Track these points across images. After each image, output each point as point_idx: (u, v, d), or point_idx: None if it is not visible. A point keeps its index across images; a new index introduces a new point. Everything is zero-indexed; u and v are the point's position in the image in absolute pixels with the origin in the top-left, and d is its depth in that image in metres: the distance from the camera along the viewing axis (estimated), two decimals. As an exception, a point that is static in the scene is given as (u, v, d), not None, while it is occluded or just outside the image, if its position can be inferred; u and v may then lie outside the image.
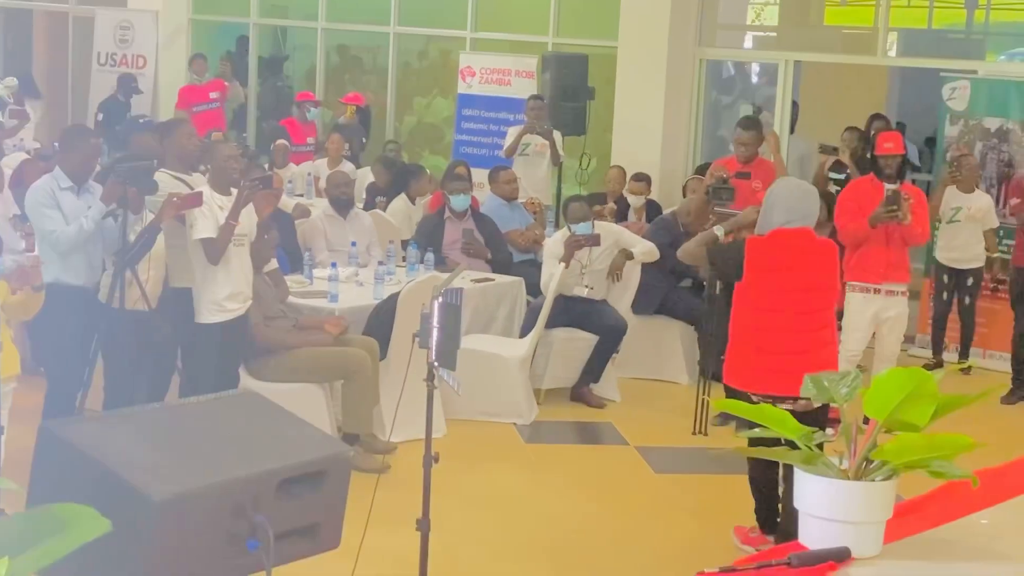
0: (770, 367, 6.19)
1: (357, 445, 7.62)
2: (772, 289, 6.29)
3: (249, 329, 7.57)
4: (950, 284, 10.67)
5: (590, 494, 7.53)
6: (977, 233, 10.44)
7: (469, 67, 13.70)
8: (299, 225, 10.17)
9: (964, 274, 10.58)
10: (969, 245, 10.48)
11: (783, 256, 6.31)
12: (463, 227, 10.01)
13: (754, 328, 6.32)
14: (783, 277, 6.28)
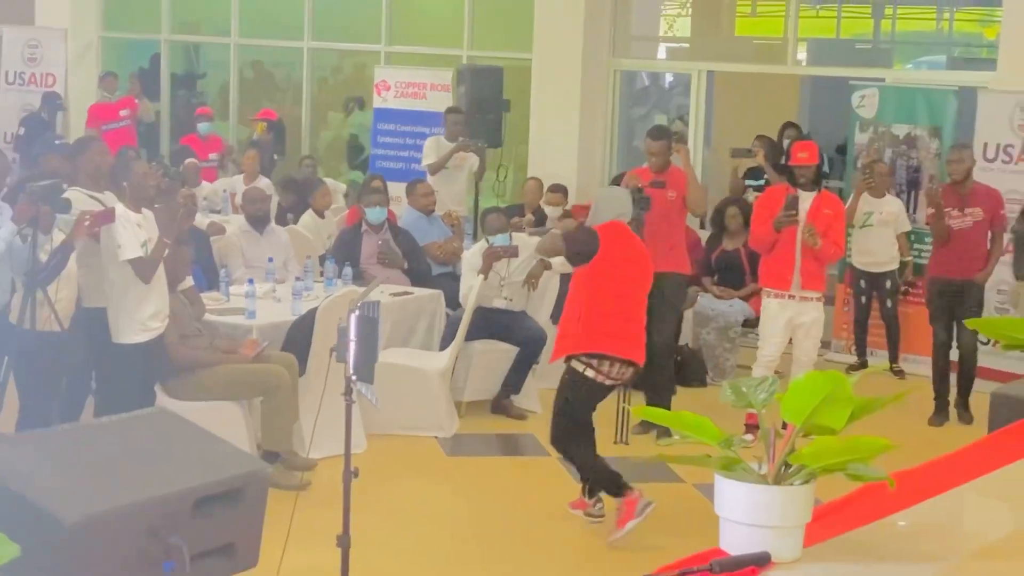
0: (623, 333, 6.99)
1: (277, 463, 7.55)
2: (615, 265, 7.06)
3: (166, 348, 7.47)
4: (867, 288, 10.78)
5: (512, 505, 7.51)
6: (890, 237, 10.55)
7: (384, 81, 13.66)
8: (215, 242, 10.08)
9: (880, 277, 10.68)
10: (882, 249, 10.59)
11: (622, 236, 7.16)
12: (379, 238, 9.96)
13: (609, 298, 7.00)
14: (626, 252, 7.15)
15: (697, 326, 10.60)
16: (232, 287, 8.98)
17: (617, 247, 7.06)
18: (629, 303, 7.07)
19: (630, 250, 7.17)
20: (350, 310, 5.09)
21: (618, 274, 7.02)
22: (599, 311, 6.93)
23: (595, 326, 6.93)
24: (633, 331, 7.07)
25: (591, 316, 6.93)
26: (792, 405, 3.31)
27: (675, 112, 14.49)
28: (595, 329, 6.93)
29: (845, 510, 3.69)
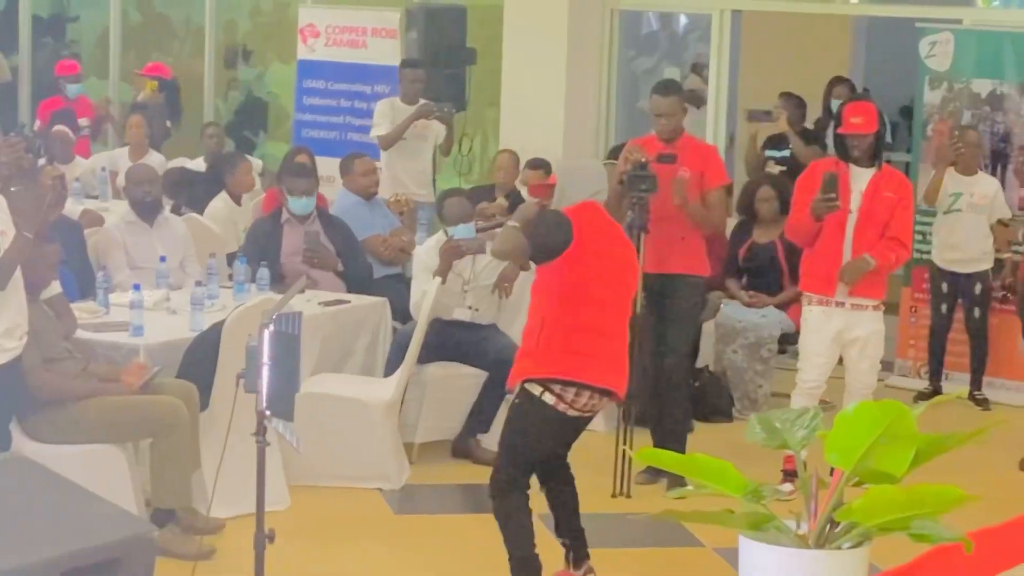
0: (595, 352, 6.80)
1: (171, 524, 7.54)
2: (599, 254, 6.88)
3: (25, 375, 7.46)
4: (950, 293, 10.81)
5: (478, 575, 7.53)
6: (983, 226, 10.57)
7: (312, 25, 13.65)
8: (90, 236, 10.06)
9: (969, 279, 10.72)
10: (973, 242, 10.63)
11: (601, 223, 7.02)
12: (306, 230, 9.96)
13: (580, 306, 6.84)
14: (605, 244, 6.98)
15: (720, 343, 10.63)
16: (112, 295, 8.97)
17: (594, 236, 6.86)
18: (609, 312, 6.90)
19: (610, 240, 6.99)
20: (263, 324, 5.10)
21: (595, 272, 6.82)
22: (568, 323, 6.75)
23: (561, 342, 6.73)
24: (614, 349, 6.89)
25: (556, 329, 6.74)
26: (839, 445, 3.34)
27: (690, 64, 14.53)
28: (561, 346, 6.73)
29: (910, 580, 3.72)
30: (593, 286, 6.79)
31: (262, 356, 5.09)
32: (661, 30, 15.89)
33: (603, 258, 6.84)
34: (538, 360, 6.74)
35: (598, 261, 6.81)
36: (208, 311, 8.61)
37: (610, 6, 13.09)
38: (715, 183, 8.98)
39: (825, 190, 8.39)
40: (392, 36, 13.19)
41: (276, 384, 5.11)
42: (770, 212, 10.85)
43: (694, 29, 15.41)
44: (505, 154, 12.20)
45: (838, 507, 3.31)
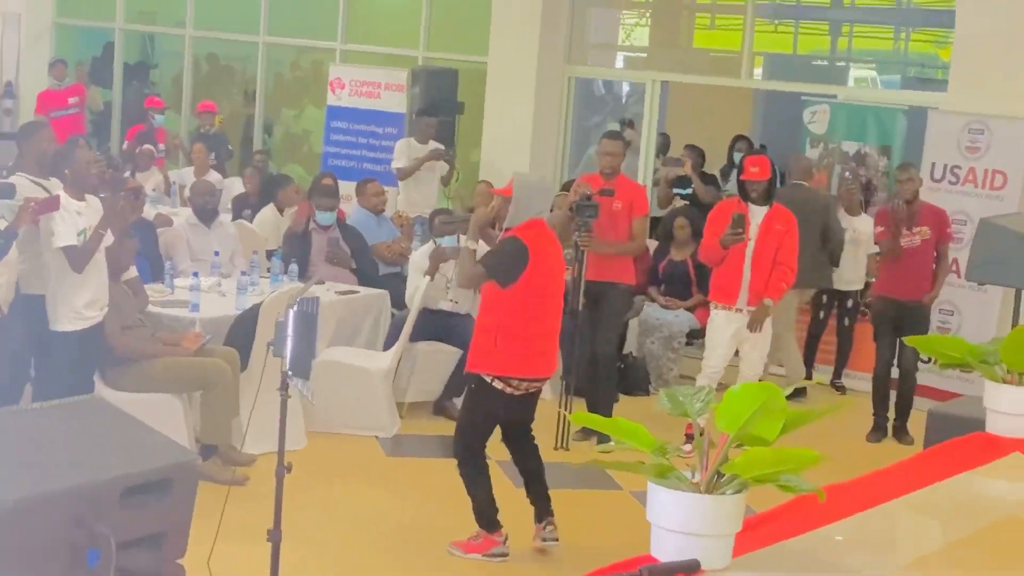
0: (541, 350, 6.68)
1: (215, 456, 7.51)
2: (547, 273, 6.68)
3: (106, 338, 7.42)
4: (828, 304, 10.83)
5: (450, 508, 7.47)
6: (860, 256, 10.58)
7: (339, 79, 13.62)
8: (161, 234, 10.01)
9: (845, 296, 10.74)
10: (852, 267, 10.62)
11: (547, 243, 6.75)
12: (329, 236, 9.94)
13: (537, 314, 6.65)
14: (552, 262, 6.77)
15: (642, 335, 10.63)
16: (177, 279, 8.93)
17: (543, 257, 6.64)
18: (550, 317, 6.76)
19: (553, 257, 6.78)
20: (289, 305, 5.07)
21: (542, 285, 6.66)
22: (520, 329, 6.58)
23: (515, 347, 6.57)
24: (551, 346, 6.81)
25: (511, 334, 6.57)
26: (726, 415, 3.32)
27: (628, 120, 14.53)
28: (514, 351, 6.58)
29: (776, 521, 3.71)
30: (540, 297, 6.65)
31: (287, 329, 5.06)
32: (607, 93, 15.87)
33: (546, 273, 6.67)
34: (495, 360, 6.59)
35: (543, 276, 6.64)
36: (250, 295, 8.58)
37: (568, 74, 13.08)
38: (639, 213, 9.00)
39: (734, 226, 8.39)
40: (400, 90, 13.15)
41: (298, 351, 5.09)
42: (684, 236, 10.85)
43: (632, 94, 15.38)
44: (482, 184, 12.15)
45: (723, 463, 3.29)
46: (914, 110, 11.08)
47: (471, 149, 13.53)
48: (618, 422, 3.52)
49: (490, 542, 6.77)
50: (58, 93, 15.27)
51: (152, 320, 8.01)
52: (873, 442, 9.51)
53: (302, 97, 16.60)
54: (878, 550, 3.75)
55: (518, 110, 12.79)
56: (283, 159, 15.92)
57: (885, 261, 9.53)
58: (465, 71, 13.12)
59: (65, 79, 15.63)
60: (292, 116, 16.69)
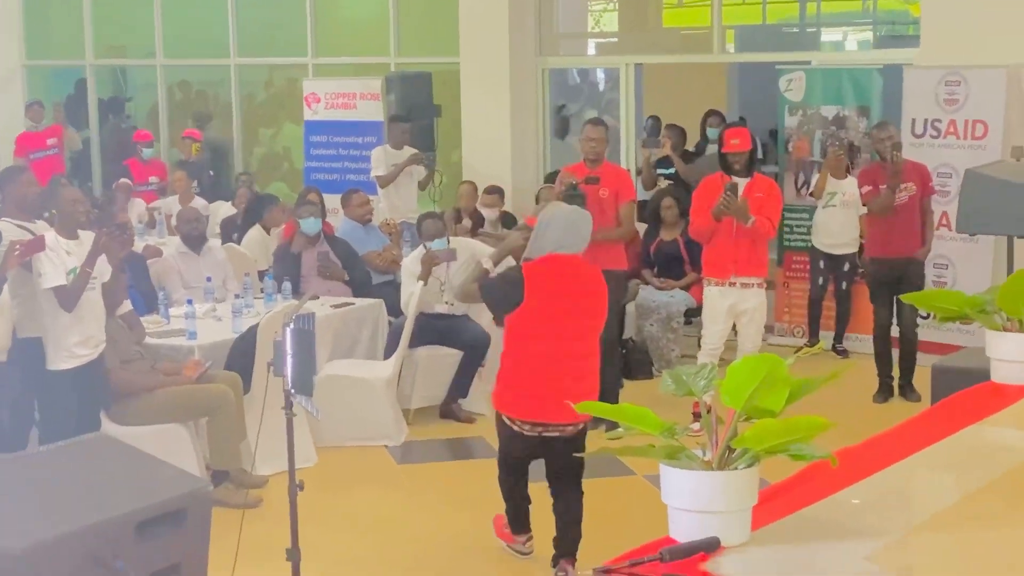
0: (542, 394, 6.04)
1: (227, 481, 7.51)
2: (549, 315, 6.07)
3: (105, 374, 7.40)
4: (826, 269, 10.84)
5: (464, 510, 7.49)
6: (852, 218, 10.56)
7: (313, 93, 13.59)
8: (152, 265, 10.00)
9: (840, 259, 10.76)
10: (845, 230, 10.64)
11: (558, 282, 6.11)
12: (318, 251, 9.93)
13: (531, 355, 6.09)
14: (558, 303, 6.09)
15: (640, 319, 10.63)
16: (172, 309, 8.92)
17: (548, 295, 6.06)
18: (558, 361, 6.05)
19: (567, 295, 6.12)
20: (285, 324, 5.06)
21: (543, 329, 6.05)
22: (514, 370, 6.15)
23: (513, 387, 6.15)
24: (557, 390, 5.89)
25: (506, 373, 6.18)
26: (731, 390, 3.33)
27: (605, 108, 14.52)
28: (512, 390, 6.15)
29: (791, 491, 3.72)
30: (540, 338, 6.05)
31: (286, 348, 5.06)
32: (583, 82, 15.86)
33: (552, 313, 6.06)
34: (502, 399, 6.22)
35: (545, 315, 6.05)
36: (245, 317, 8.55)
37: (541, 66, 13.08)
38: (626, 199, 8.99)
39: (727, 193, 8.37)
40: (376, 98, 13.14)
41: (298, 369, 5.08)
42: (672, 216, 10.86)
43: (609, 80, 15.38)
44: (465, 185, 12.19)
45: (733, 437, 3.30)
46: (889, 68, 11.08)
47: (452, 151, 13.53)
48: (625, 408, 3.52)
49: (511, 539, 6.76)
50: (36, 135, 15.24)
51: (151, 352, 8.00)
52: (880, 403, 9.52)
53: (278, 115, 16.58)
54: (895, 509, 3.76)
55: (495, 107, 12.79)
56: (265, 179, 15.89)
57: (875, 221, 9.52)
58: (439, 73, 13.12)
59: (42, 121, 15.60)
60: (270, 135, 16.66)
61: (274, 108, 16.71)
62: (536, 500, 6.67)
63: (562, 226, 6.16)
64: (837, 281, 10.83)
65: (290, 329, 5.04)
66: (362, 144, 12.74)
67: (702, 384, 3.52)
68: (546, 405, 6.03)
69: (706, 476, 3.28)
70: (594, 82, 15.98)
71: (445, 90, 13.14)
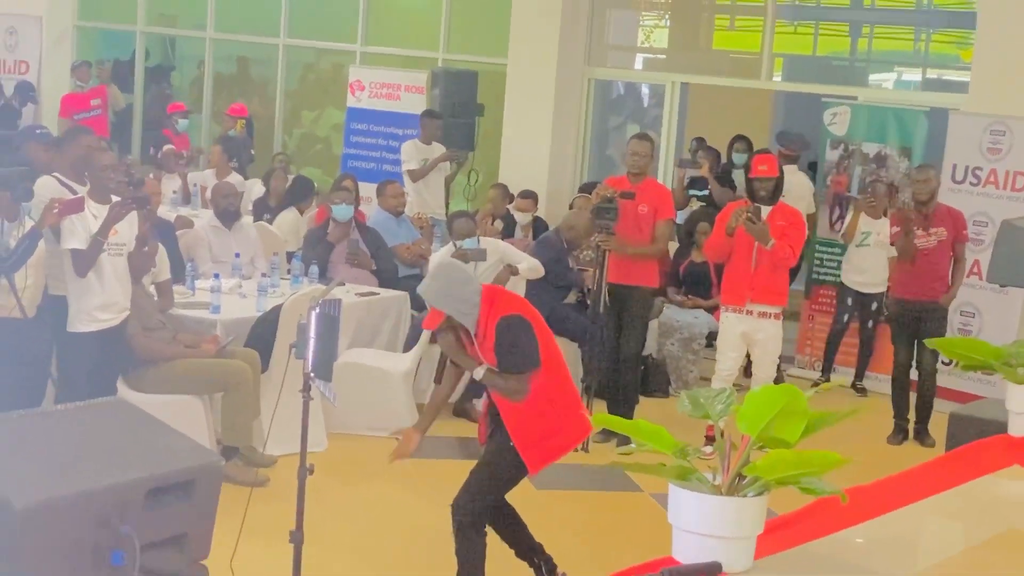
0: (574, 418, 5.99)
1: (236, 458, 7.54)
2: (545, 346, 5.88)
3: (127, 340, 7.45)
4: (852, 307, 10.81)
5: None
6: (883, 259, 10.55)
7: (359, 81, 13.64)
8: (182, 236, 10.04)
9: (869, 298, 10.73)
10: (876, 270, 10.61)
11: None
12: (348, 238, 9.96)
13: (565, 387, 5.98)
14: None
15: (662, 337, 10.63)
16: (198, 281, 8.95)
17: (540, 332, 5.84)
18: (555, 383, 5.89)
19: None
20: (311, 307, 5.08)
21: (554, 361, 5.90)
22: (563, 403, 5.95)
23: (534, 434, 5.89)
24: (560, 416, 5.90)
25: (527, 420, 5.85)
26: (748, 417, 3.33)
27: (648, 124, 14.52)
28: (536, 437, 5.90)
29: (798, 523, 3.71)
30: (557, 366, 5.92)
31: (310, 331, 5.07)
32: (627, 95, 15.87)
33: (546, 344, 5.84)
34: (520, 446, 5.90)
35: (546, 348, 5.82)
36: (270, 296, 8.60)
37: (587, 76, 13.10)
38: (664, 216, 8.98)
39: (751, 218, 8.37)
40: (420, 92, 13.18)
41: (320, 353, 5.10)
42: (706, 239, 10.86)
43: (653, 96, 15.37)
44: (495, 188, 12.22)
45: (745, 464, 3.29)
46: (935, 111, 11.06)
47: (491, 150, 13.55)
48: (639, 424, 3.52)
49: None
50: (81, 96, 15.34)
51: (173, 322, 8.04)
52: (894, 444, 9.50)
53: (322, 99, 16.63)
54: (899, 553, 3.75)
55: (537, 112, 12.81)
56: (302, 161, 15.95)
57: (900, 263, 9.51)
58: (485, 73, 13.14)
59: (89, 81, 15.68)
60: (311, 118, 16.72)
61: (318, 92, 16.76)
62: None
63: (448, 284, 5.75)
64: (863, 320, 10.81)
65: (316, 313, 5.06)
66: (402, 136, 12.77)
67: (719, 408, 3.52)
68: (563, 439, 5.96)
69: (715, 500, 3.27)
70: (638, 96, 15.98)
71: (489, 90, 13.16)
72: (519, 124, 12.97)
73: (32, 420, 3.38)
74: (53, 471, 3.07)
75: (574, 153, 13.10)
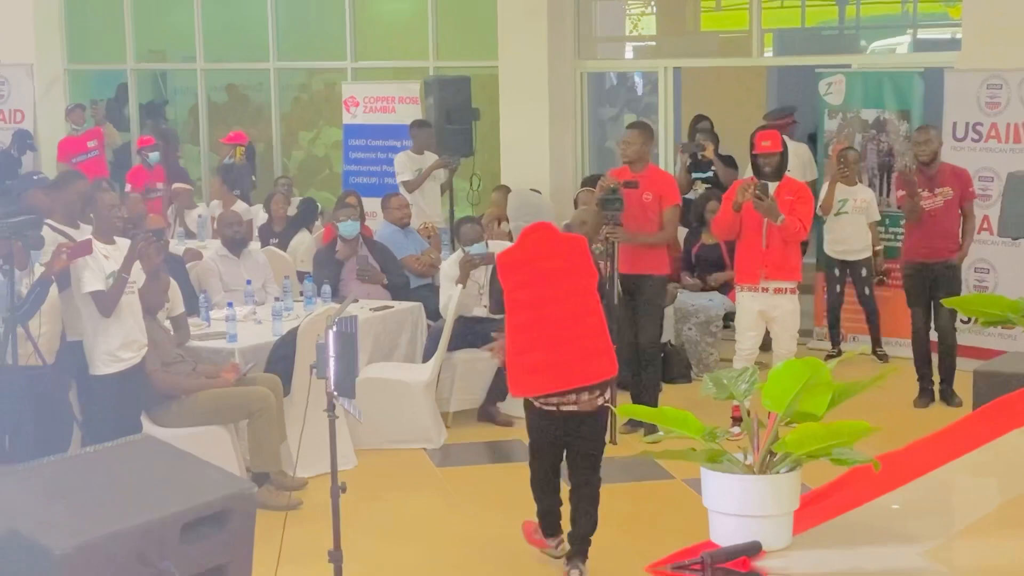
0: (545, 364, 6.12)
1: (267, 484, 7.55)
2: (526, 284, 6.21)
3: (147, 376, 7.46)
4: (841, 276, 10.82)
5: (504, 513, 7.49)
6: (863, 224, 10.61)
7: (352, 97, 13.65)
8: (191, 268, 10.06)
9: (856, 265, 10.73)
10: (857, 236, 10.63)
11: (525, 252, 6.33)
12: (357, 254, 9.97)
13: (523, 329, 6.18)
14: (530, 271, 6.23)
15: (679, 322, 10.61)
16: (212, 312, 8.97)
17: (512, 274, 6.27)
18: (554, 324, 6.13)
19: (536, 259, 6.25)
20: (327, 326, 5.10)
21: (526, 297, 6.20)
22: (516, 344, 6.21)
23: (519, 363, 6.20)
24: (559, 355, 6.11)
25: (513, 353, 6.24)
26: (773, 394, 3.33)
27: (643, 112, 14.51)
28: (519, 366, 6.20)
29: (833, 495, 3.71)
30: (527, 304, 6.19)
31: (329, 350, 5.09)
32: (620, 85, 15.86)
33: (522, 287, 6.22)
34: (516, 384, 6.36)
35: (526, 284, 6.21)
36: (285, 320, 8.60)
37: (579, 69, 13.09)
38: (669, 203, 8.97)
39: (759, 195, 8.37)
40: (414, 102, 13.18)
41: (341, 371, 5.11)
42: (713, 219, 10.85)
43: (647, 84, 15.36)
44: (498, 190, 12.22)
45: (775, 442, 3.30)
46: (930, 71, 11.03)
47: (491, 154, 13.55)
48: (665, 411, 3.53)
49: (543, 544, 6.75)
50: (77, 139, 15.35)
51: (191, 354, 8.05)
52: (921, 407, 9.48)
53: (317, 119, 16.65)
54: (936, 515, 3.75)
55: (533, 111, 12.81)
56: (304, 182, 15.96)
57: (910, 225, 9.50)
58: (477, 77, 13.13)
59: (83, 124, 15.71)
60: (309, 138, 16.73)
61: (313, 112, 16.77)
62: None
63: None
64: (858, 287, 10.80)
65: (333, 331, 5.07)
66: (401, 148, 12.76)
67: (743, 388, 3.53)
68: (555, 374, 6.10)
69: (748, 480, 3.28)
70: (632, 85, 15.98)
71: (483, 94, 13.16)
72: (516, 125, 12.96)
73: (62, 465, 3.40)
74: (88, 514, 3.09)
75: (573, 148, 13.09)
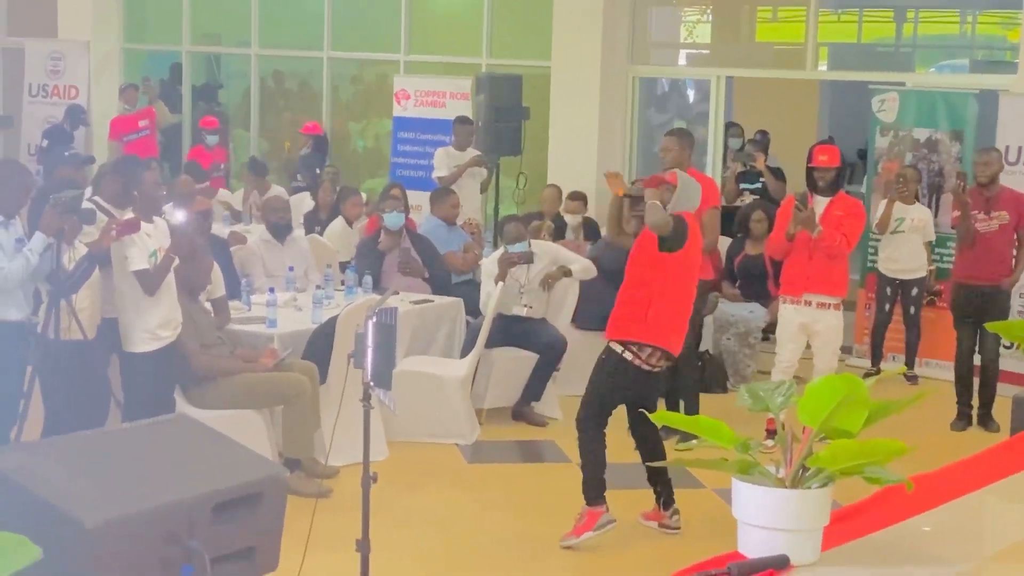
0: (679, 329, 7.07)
1: (298, 470, 7.58)
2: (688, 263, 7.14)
3: (186, 357, 7.51)
4: (893, 295, 10.74)
5: (533, 513, 7.51)
6: (919, 244, 10.51)
7: (404, 90, 13.69)
8: (236, 252, 10.12)
9: (908, 284, 10.65)
10: (912, 256, 10.55)
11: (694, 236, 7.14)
12: (400, 247, 9.99)
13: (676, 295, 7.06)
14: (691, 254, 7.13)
15: (717, 332, 10.59)
16: (253, 296, 9.02)
17: (694, 242, 7.11)
18: (690, 298, 7.15)
19: (698, 245, 7.24)
20: (367, 317, 5.12)
21: (692, 269, 7.09)
22: (668, 305, 6.92)
23: (661, 320, 6.90)
24: (684, 325, 7.15)
25: (663, 306, 6.90)
26: (809, 408, 3.31)
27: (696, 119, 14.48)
28: (660, 322, 6.90)
29: (864, 513, 3.70)
30: (690, 274, 7.06)
31: (367, 341, 5.11)
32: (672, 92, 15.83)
33: (695, 257, 7.12)
34: (643, 328, 6.89)
35: (693, 259, 7.08)
36: (325, 308, 8.64)
37: (632, 73, 13.08)
38: (710, 204, 8.93)
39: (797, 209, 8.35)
40: (465, 98, 13.21)
41: (378, 362, 5.13)
42: (761, 230, 10.83)
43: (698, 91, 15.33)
44: (549, 189, 12.21)
45: (808, 456, 3.28)
46: (985, 93, 10.96)
47: (539, 153, 13.55)
48: (699, 419, 3.52)
49: (594, 515, 6.84)
50: (129, 118, 15.46)
51: (230, 337, 8.10)
52: (958, 431, 9.42)
53: (368, 110, 16.70)
54: (967, 540, 3.73)
55: (583, 112, 12.80)
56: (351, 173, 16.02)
57: (961, 247, 9.43)
58: (529, 76, 13.14)
59: (136, 103, 15.82)
60: (358, 129, 16.79)
61: (364, 103, 16.83)
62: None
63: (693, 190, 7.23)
64: (905, 306, 10.73)
65: (372, 322, 5.09)
66: (449, 143, 12.80)
67: (779, 401, 3.51)
68: (678, 339, 7.01)
69: (779, 493, 3.27)
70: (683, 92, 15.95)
71: (534, 93, 13.16)
72: (565, 126, 12.97)
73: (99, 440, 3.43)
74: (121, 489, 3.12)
75: (622, 152, 13.08)
